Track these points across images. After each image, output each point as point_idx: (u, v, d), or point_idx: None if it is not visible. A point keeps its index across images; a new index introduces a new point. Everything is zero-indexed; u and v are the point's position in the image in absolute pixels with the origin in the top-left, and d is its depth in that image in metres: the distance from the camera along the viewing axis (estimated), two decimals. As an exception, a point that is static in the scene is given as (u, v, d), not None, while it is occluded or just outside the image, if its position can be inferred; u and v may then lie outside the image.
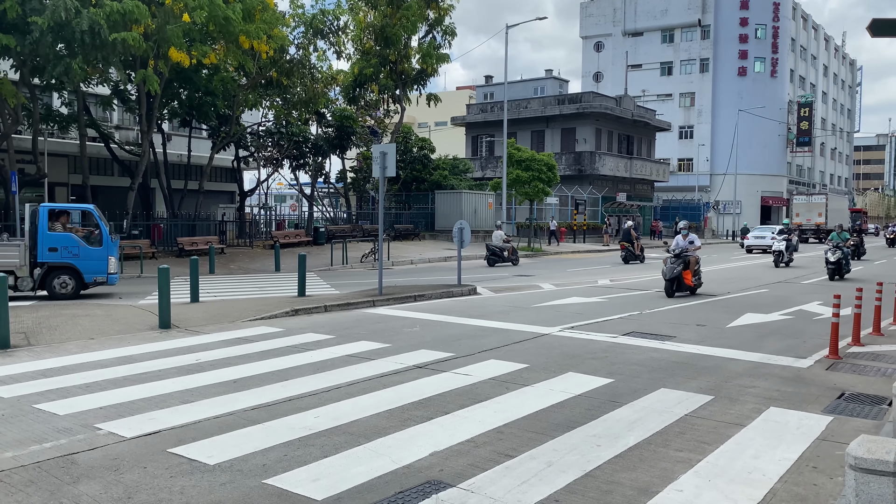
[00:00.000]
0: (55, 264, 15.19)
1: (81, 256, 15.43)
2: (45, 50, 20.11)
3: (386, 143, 23.73)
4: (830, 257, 20.76)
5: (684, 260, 16.23)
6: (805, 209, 56.25)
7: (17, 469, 5.12)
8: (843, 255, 20.81)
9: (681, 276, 16.12)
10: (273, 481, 4.90)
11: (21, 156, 26.05)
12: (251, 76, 28.22)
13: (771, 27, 69.91)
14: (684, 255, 16.32)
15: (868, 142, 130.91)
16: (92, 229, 16.14)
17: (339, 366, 8.55)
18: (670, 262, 16.20)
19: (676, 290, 16.17)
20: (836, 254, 20.70)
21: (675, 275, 16.03)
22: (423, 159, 42.21)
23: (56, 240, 15.29)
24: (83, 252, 15.48)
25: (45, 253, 15.21)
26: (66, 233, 15.49)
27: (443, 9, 33.74)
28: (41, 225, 15.25)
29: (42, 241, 15.21)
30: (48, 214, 15.38)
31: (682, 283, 16.21)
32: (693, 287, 16.50)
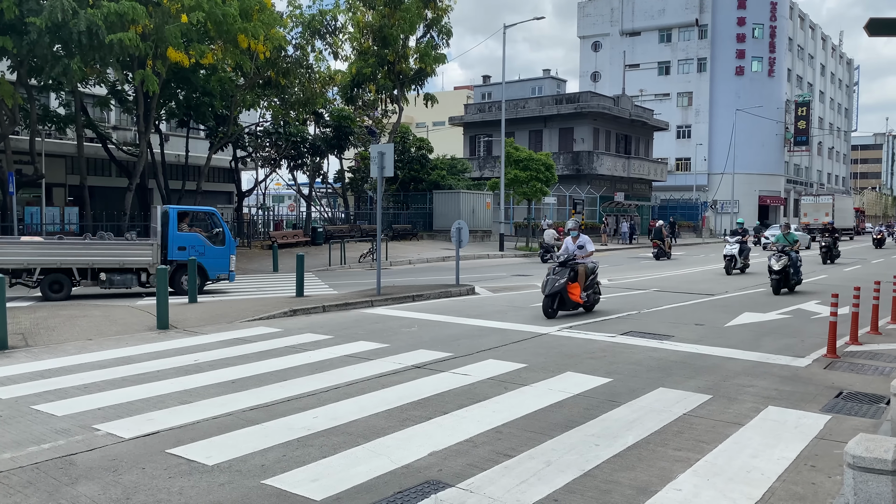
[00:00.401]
0: (183, 262, 15.99)
1: (207, 255, 16.48)
2: (43, 51, 20.08)
3: (384, 143, 23.69)
4: (774, 265, 16.80)
5: (572, 269, 12.72)
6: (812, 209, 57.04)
7: (15, 470, 5.11)
8: (791, 261, 16.88)
9: (565, 291, 12.54)
10: (272, 482, 4.90)
11: (18, 156, 26.00)
12: (249, 76, 28.19)
13: (768, 27, 70.01)
14: (572, 264, 12.81)
15: (865, 141, 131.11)
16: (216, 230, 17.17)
17: (337, 366, 8.55)
18: (553, 272, 12.62)
19: (559, 308, 12.60)
20: (782, 260, 16.78)
21: (556, 289, 12.36)
22: (421, 159, 42.20)
23: (185, 239, 16.33)
24: (208, 251, 16.55)
25: (174, 252, 16.20)
26: (193, 233, 16.53)
27: (441, 9, 33.74)
28: (171, 226, 16.25)
29: (172, 241, 16.23)
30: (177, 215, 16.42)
31: (568, 299, 12.64)
32: (585, 304, 13.13)
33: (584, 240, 13.38)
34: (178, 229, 16.31)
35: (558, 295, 12.49)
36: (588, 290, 13.13)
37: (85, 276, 15.36)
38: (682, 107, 72.49)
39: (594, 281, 13.37)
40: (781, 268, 16.62)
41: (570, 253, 13.02)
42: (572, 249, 13.13)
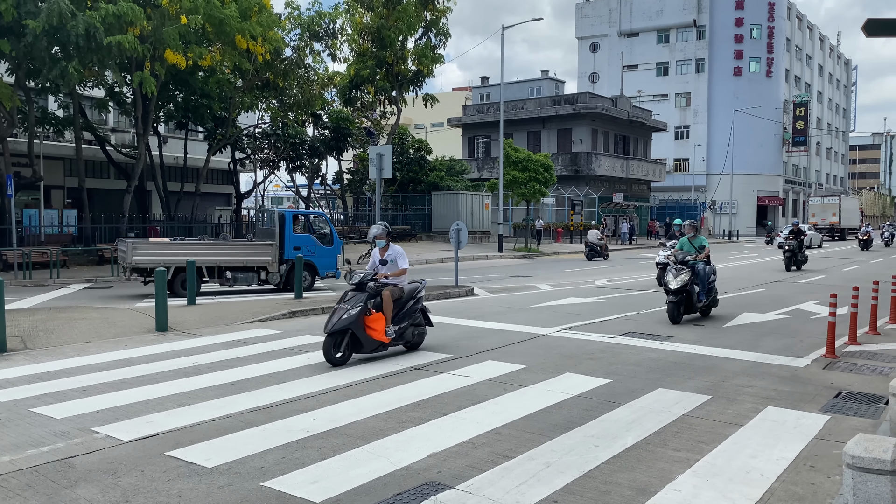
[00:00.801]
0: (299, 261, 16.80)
1: (318, 254, 17.71)
2: (40, 53, 20.08)
3: (382, 145, 23.73)
4: (671, 282, 12.04)
5: (374, 294, 8.98)
6: (820, 209, 59.38)
7: (14, 473, 5.10)
8: (698, 276, 12.32)
9: (360, 326, 8.66)
10: (271, 484, 4.90)
11: (17, 159, 25.99)
12: (247, 78, 28.21)
13: (766, 27, 70.10)
14: (375, 286, 9.05)
15: (864, 141, 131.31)
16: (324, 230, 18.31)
17: (336, 367, 8.53)
18: (348, 300, 8.87)
19: (354, 351, 8.84)
20: (681, 276, 11.97)
21: (344, 324, 8.56)
22: (420, 160, 42.22)
23: (299, 240, 17.51)
24: (319, 251, 17.78)
25: (290, 251, 17.29)
26: (307, 234, 17.75)
27: (439, 11, 33.78)
28: (288, 228, 17.45)
29: (288, 242, 17.36)
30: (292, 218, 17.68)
31: (365, 337, 8.73)
32: (399, 343, 9.35)
33: (395, 252, 9.51)
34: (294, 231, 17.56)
35: (348, 332, 8.64)
36: (404, 322, 9.24)
37: (212, 275, 16.57)
38: (680, 107, 72.56)
39: (413, 309, 9.45)
40: (680, 286, 11.85)
41: (374, 269, 9.46)
42: (372, 264, 9.60)
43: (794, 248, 24.06)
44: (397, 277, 9.44)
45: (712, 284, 12.83)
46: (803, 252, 24.76)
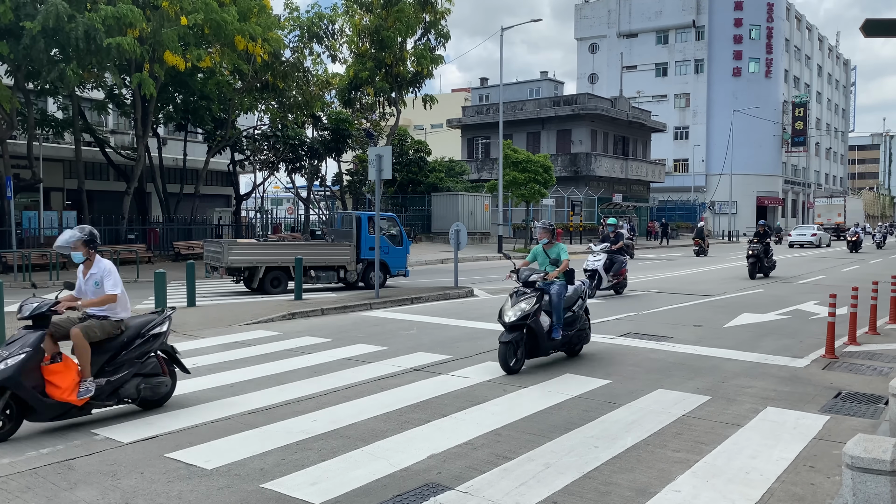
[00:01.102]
0: (372, 260, 17.84)
1: (390, 254, 18.61)
2: (39, 55, 20.08)
3: (382, 146, 23.71)
4: (508, 313, 8.41)
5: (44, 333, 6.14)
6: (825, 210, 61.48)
7: (13, 475, 5.10)
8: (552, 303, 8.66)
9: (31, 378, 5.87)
10: (271, 485, 4.90)
11: (16, 161, 26.00)
12: (246, 80, 28.21)
13: (765, 28, 70.15)
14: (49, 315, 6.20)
15: (863, 141, 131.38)
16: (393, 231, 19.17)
17: (336, 369, 8.54)
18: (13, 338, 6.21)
19: None
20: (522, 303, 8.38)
21: None
22: (419, 162, 42.22)
23: (374, 241, 17.91)
24: (391, 250, 18.70)
25: (366, 251, 18.21)
26: (380, 235, 18.16)
27: (439, 12, 33.78)
28: (363, 229, 18.37)
29: (364, 242, 18.25)
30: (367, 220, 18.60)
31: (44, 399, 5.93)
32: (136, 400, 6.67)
33: (100, 269, 6.54)
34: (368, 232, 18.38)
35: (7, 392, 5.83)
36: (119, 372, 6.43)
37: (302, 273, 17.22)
38: (679, 108, 72.60)
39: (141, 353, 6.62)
40: (520, 318, 8.20)
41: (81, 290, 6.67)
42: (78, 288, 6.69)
43: (758, 253, 21.04)
44: (100, 307, 6.49)
45: (577, 313, 9.04)
46: (770, 257, 21.59)
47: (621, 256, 16.89)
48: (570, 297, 9.03)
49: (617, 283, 16.71)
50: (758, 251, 21.05)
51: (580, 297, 9.29)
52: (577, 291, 9.30)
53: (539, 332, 8.46)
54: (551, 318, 8.65)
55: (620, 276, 16.76)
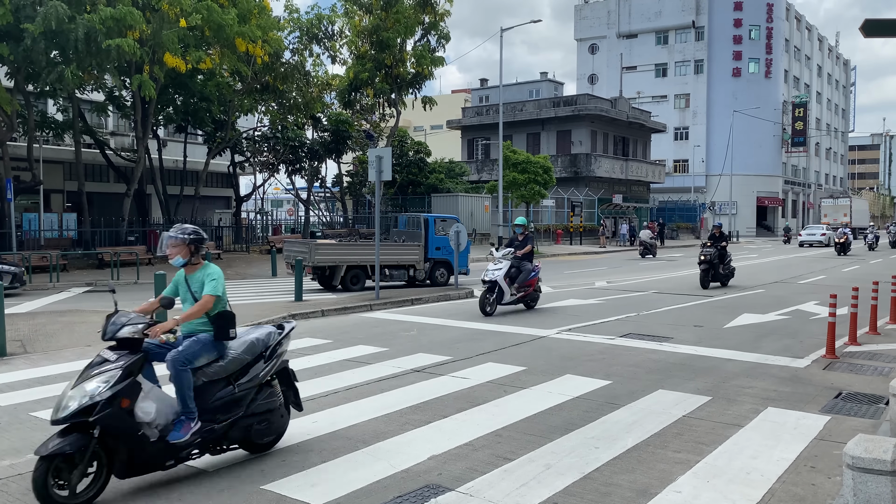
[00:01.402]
0: (438, 259, 19.59)
1: (453, 254, 19.04)
2: (39, 57, 20.10)
3: (382, 147, 23.71)
4: None
5: None
6: (832, 210, 62.92)
7: (14, 478, 5.10)
8: None
9: None
10: (271, 487, 4.89)
11: (16, 163, 26.01)
12: (246, 81, 28.23)
13: (765, 28, 70.17)
14: None
15: (863, 141, 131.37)
16: None
17: (336, 370, 8.54)
18: None
19: None
20: None
21: None
22: (419, 163, 42.23)
23: (439, 241, 19.58)
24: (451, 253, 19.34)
25: (433, 251, 19.52)
26: (444, 236, 19.44)
27: (438, 13, 33.80)
28: (431, 230, 19.57)
29: (431, 243, 19.50)
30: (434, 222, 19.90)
31: None
32: None
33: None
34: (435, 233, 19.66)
35: None
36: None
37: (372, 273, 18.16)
38: (679, 108, 72.61)
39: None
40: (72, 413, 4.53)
41: None
42: None
43: (711, 259, 18.33)
44: None
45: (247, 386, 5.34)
46: (728, 263, 19.02)
47: (529, 264, 13.94)
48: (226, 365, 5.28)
49: (524, 294, 13.93)
50: (711, 256, 18.40)
51: (259, 356, 5.48)
52: (252, 348, 5.45)
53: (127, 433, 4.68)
54: None
55: (529, 288, 13.96)
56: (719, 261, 18.63)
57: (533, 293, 14.22)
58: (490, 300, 13.29)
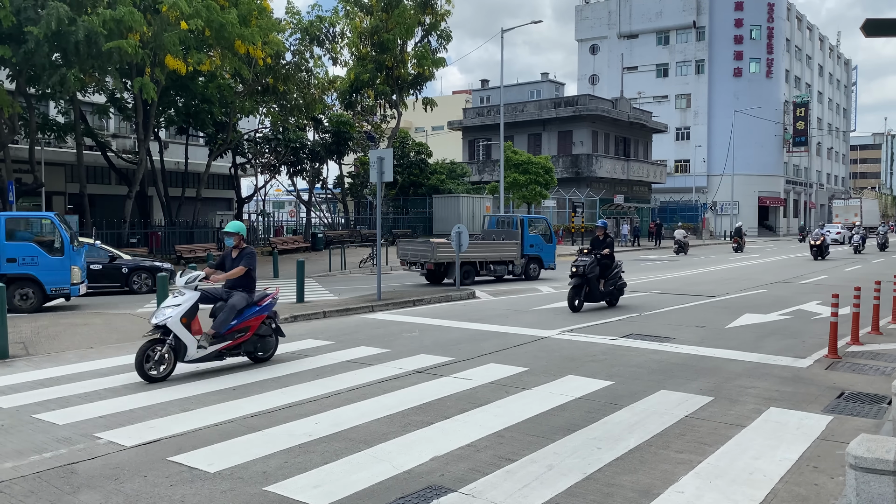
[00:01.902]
0: (531, 256, 22.15)
1: (543, 250, 22.38)
2: (41, 59, 20.13)
3: (383, 148, 23.74)
4: None
5: None
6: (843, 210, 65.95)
7: (17, 479, 5.10)
8: None
9: None
10: (274, 488, 4.89)
11: (18, 165, 26.04)
12: (248, 83, 28.26)
13: (765, 28, 70.11)
14: None
15: (864, 141, 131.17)
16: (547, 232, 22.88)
17: (338, 371, 8.54)
18: None
19: None
20: None
21: None
22: (421, 164, 42.25)
23: (532, 239, 22.25)
24: (544, 247, 22.47)
25: (527, 248, 21.98)
26: (535, 234, 22.30)
27: (438, 14, 33.82)
28: (525, 229, 21.97)
29: (526, 240, 22.00)
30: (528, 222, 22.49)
31: None
32: None
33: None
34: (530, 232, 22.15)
35: None
36: None
37: (482, 267, 20.71)
38: (680, 109, 72.56)
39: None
40: None
41: None
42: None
43: (586, 272, 13.73)
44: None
45: None
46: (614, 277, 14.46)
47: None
48: None
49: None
50: (585, 268, 13.74)
51: None
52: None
53: None
54: None
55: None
56: (600, 273, 14.14)
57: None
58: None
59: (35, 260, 14.67)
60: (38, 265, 14.68)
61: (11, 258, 14.49)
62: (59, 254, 14.84)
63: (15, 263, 14.50)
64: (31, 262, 14.63)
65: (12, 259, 14.50)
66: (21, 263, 14.56)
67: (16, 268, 14.50)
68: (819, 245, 30.52)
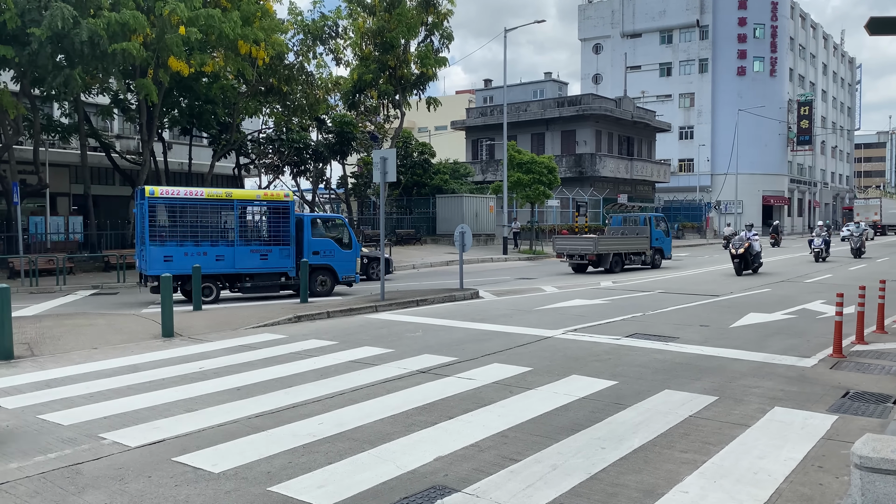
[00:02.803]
0: (655, 248, 26.13)
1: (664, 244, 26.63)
2: (45, 61, 20.16)
3: (386, 149, 23.79)
4: None
5: None
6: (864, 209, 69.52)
7: (22, 480, 5.12)
8: None
9: None
10: (278, 489, 4.90)
11: (22, 166, 26.10)
12: (251, 83, 28.28)
13: (769, 26, 69.96)
14: None
15: (869, 139, 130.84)
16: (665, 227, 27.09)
17: (342, 372, 8.55)
18: None
19: None
20: None
21: None
22: (424, 164, 42.24)
23: (657, 234, 26.09)
24: (665, 241, 26.75)
25: (654, 241, 26.03)
26: (660, 230, 26.46)
27: (441, 13, 33.81)
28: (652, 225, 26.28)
29: (653, 235, 25.98)
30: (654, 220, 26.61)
31: None
32: None
33: None
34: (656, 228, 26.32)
35: None
36: None
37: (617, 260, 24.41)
38: (684, 108, 72.45)
39: None
40: None
41: None
42: None
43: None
44: None
45: None
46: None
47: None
48: None
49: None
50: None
51: None
52: None
53: None
54: None
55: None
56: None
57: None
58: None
59: (332, 253, 17.84)
60: (334, 257, 17.86)
61: (316, 251, 17.60)
62: (348, 248, 18.14)
63: (318, 255, 17.60)
64: (328, 254, 17.80)
65: (316, 252, 17.58)
66: (322, 256, 17.67)
67: (319, 259, 17.61)
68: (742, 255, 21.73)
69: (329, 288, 17.84)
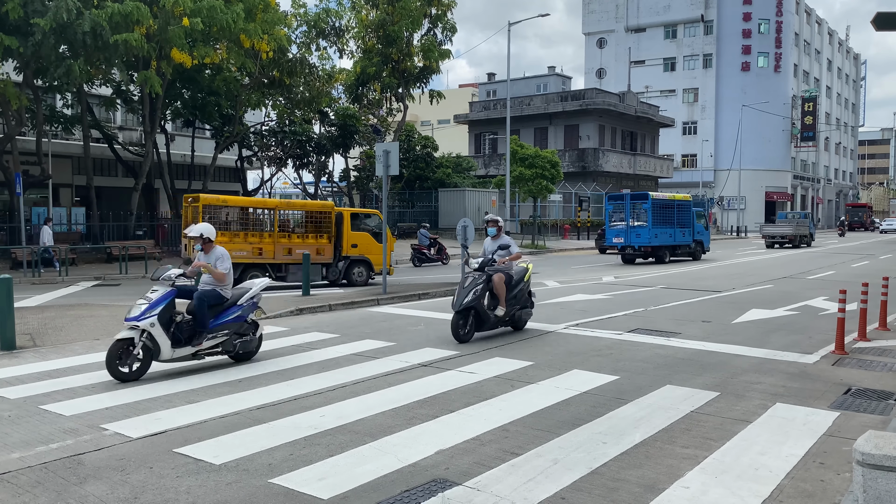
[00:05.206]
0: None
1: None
2: (48, 51, 20.14)
3: (389, 142, 23.76)
4: None
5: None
6: None
7: (23, 470, 5.13)
8: None
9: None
10: (279, 480, 4.90)
11: (25, 157, 26.11)
12: (254, 76, 28.24)
13: (774, 22, 69.72)
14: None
15: (873, 136, 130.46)
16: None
17: (343, 364, 8.55)
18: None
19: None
20: None
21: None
22: (427, 157, 42.21)
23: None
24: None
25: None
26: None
27: (444, 5, 33.70)
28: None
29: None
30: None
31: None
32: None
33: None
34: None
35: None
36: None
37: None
38: (687, 103, 72.28)
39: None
40: None
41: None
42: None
43: None
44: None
45: None
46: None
47: None
48: None
49: None
50: None
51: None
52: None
53: None
54: None
55: None
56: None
57: None
58: None
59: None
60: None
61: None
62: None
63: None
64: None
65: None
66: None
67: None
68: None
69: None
